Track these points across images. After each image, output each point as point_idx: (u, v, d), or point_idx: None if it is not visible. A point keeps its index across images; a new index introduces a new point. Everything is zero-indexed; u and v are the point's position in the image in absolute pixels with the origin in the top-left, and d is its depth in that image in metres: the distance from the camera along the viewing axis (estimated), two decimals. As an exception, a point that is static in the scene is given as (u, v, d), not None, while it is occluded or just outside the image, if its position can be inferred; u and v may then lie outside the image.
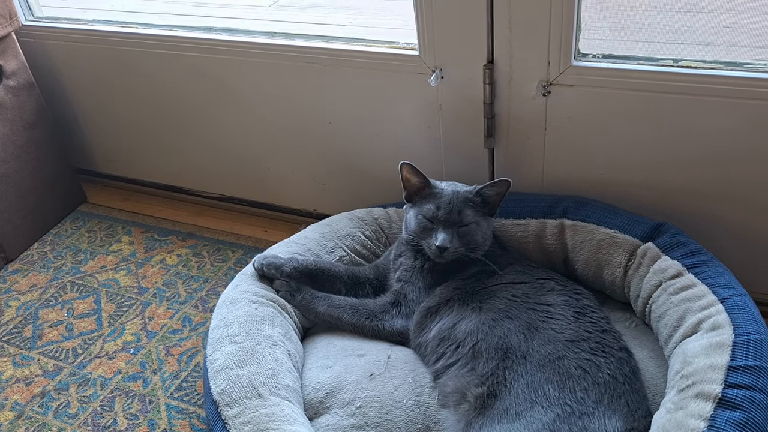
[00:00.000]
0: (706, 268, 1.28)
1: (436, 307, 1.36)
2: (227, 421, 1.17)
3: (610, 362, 1.18)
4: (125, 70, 1.96)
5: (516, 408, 1.12)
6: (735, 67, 1.34)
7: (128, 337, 1.70)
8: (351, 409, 1.25)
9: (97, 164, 2.29)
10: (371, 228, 1.65)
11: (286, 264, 1.47)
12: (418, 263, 1.44)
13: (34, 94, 2.01)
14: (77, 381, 1.60)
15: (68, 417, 1.51)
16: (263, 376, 1.23)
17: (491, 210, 1.42)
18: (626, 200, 1.51)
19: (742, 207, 1.47)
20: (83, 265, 1.96)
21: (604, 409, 1.11)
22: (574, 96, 1.46)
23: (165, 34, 1.85)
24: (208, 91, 1.89)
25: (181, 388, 1.55)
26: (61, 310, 1.81)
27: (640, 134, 1.46)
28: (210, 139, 2.01)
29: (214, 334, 1.34)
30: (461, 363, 1.24)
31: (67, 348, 1.69)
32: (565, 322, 1.24)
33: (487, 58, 1.48)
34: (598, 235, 1.43)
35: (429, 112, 1.63)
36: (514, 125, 1.56)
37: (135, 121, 2.09)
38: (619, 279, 1.41)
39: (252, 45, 1.74)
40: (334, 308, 1.44)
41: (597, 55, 1.44)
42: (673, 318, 1.25)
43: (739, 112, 1.35)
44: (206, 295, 1.81)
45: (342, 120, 1.77)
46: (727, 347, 1.11)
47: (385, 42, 1.62)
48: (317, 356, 1.39)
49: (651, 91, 1.40)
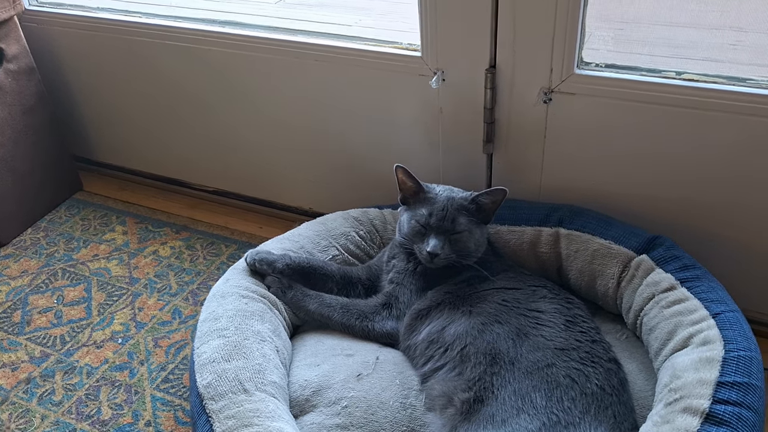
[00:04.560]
0: (700, 283, 1.27)
1: (427, 310, 1.35)
2: (211, 414, 1.16)
3: (598, 373, 1.17)
4: (128, 59, 1.96)
5: (502, 415, 1.11)
6: (737, 83, 1.33)
7: (117, 327, 1.69)
8: (337, 409, 1.24)
9: (95, 153, 2.29)
10: (366, 228, 1.65)
11: (278, 260, 1.46)
12: (411, 266, 1.43)
13: (35, 79, 2.00)
14: (63, 368, 1.59)
15: (52, 404, 1.50)
16: (250, 372, 1.22)
17: (486, 218, 1.41)
18: (622, 211, 1.50)
19: (738, 224, 1.46)
20: (75, 253, 1.95)
21: (590, 419, 1.10)
22: (576, 105, 1.46)
23: (169, 24, 1.84)
24: (210, 84, 1.88)
25: (168, 380, 1.54)
26: (51, 296, 1.80)
27: (639, 146, 1.46)
28: (209, 133, 2.00)
29: (203, 327, 1.33)
30: (449, 367, 1.23)
31: (55, 335, 1.68)
32: (556, 330, 1.24)
33: (490, 63, 1.48)
34: (592, 246, 1.42)
35: (429, 114, 1.62)
36: (514, 132, 1.56)
37: (135, 111, 2.08)
38: (611, 290, 1.40)
39: (255, 39, 1.73)
40: (324, 307, 1.43)
41: (600, 64, 1.43)
42: (664, 331, 1.24)
43: (740, 128, 1.35)
44: (197, 289, 1.80)
45: (342, 119, 1.76)
46: (716, 362, 1.10)
47: (389, 42, 1.61)
48: (306, 354, 1.38)
49: (652, 102, 1.39)
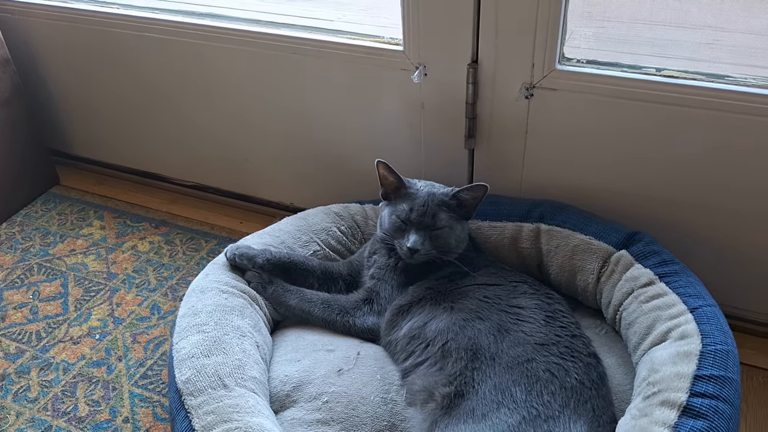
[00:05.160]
0: (678, 278, 1.29)
1: (408, 306, 1.35)
2: (190, 410, 1.14)
3: (578, 367, 1.18)
4: (105, 51, 1.93)
5: (482, 409, 1.11)
6: (716, 80, 1.35)
7: (94, 323, 1.67)
8: (317, 404, 1.24)
9: (72, 146, 2.25)
10: (347, 224, 1.64)
11: (258, 255, 1.45)
12: (392, 261, 1.43)
13: (9, 71, 1.96)
14: (39, 365, 1.56)
15: (27, 401, 1.48)
16: (229, 367, 1.21)
17: (467, 213, 1.42)
18: (603, 207, 1.51)
19: (717, 220, 1.48)
20: (52, 248, 1.92)
21: (569, 413, 1.10)
22: (557, 100, 1.46)
23: (147, 16, 1.81)
24: (189, 76, 1.86)
25: (146, 377, 1.52)
26: (27, 292, 1.77)
27: (620, 142, 1.47)
28: (189, 126, 1.98)
29: (182, 322, 1.32)
30: (430, 362, 1.23)
31: (30, 331, 1.65)
32: (536, 325, 1.24)
33: (472, 58, 1.48)
34: (573, 241, 1.43)
35: (411, 109, 1.62)
36: (496, 127, 1.56)
37: (112, 103, 2.05)
38: (591, 285, 1.41)
39: (234, 32, 1.72)
40: (305, 302, 1.42)
41: (581, 60, 1.44)
42: (642, 326, 1.25)
43: (719, 124, 1.36)
44: (177, 284, 1.78)
45: (323, 113, 1.75)
46: (694, 356, 1.11)
47: (371, 36, 1.60)
48: (286, 349, 1.37)
49: (633, 99, 1.40)
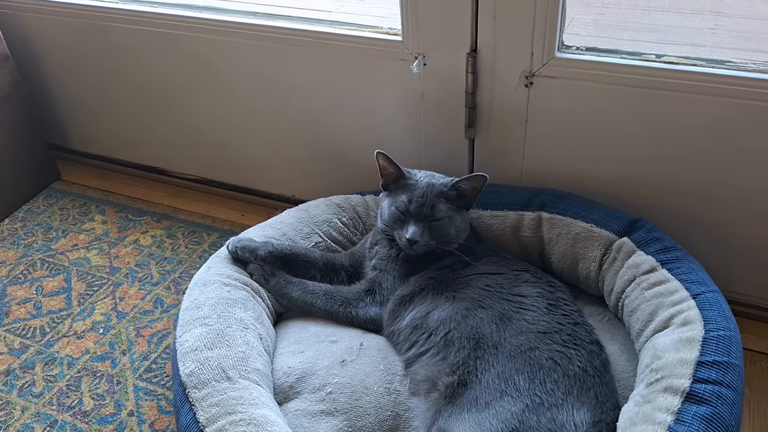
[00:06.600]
0: (680, 265, 1.29)
1: (410, 296, 1.35)
2: (194, 403, 1.15)
3: (581, 355, 1.18)
4: (104, 45, 1.92)
5: (486, 397, 1.12)
6: (717, 65, 1.34)
7: (98, 317, 1.67)
8: (321, 395, 1.24)
9: (73, 141, 2.25)
10: (348, 215, 1.64)
11: (260, 247, 1.45)
12: (394, 252, 1.43)
13: (8, 67, 1.96)
14: (44, 360, 1.57)
15: (33, 396, 1.48)
16: (233, 359, 1.21)
17: (467, 204, 1.41)
18: (604, 195, 1.51)
19: (718, 206, 1.48)
20: (54, 243, 1.92)
21: (573, 400, 1.11)
22: (557, 88, 1.46)
23: (145, 10, 1.81)
24: (188, 70, 1.86)
25: (150, 370, 1.53)
26: (30, 287, 1.78)
27: (620, 129, 1.46)
28: (189, 119, 1.98)
29: (185, 315, 1.32)
30: (433, 351, 1.24)
31: (34, 326, 1.66)
32: (538, 313, 1.24)
33: (471, 47, 1.47)
34: (574, 229, 1.43)
35: (410, 99, 1.61)
36: (496, 116, 1.56)
37: (112, 98, 2.05)
38: (593, 273, 1.41)
39: (233, 24, 1.71)
40: (308, 294, 1.42)
41: (581, 47, 1.43)
42: (645, 313, 1.25)
43: (720, 110, 1.35)
44: (179, 277, 1.78)
45: (323, 105, 1.75)
46: (696, 342, 1.11)
47: (369, 26, 1.60)
48: (289, 341, 1.38)
49: (633, 85, 1.40)
